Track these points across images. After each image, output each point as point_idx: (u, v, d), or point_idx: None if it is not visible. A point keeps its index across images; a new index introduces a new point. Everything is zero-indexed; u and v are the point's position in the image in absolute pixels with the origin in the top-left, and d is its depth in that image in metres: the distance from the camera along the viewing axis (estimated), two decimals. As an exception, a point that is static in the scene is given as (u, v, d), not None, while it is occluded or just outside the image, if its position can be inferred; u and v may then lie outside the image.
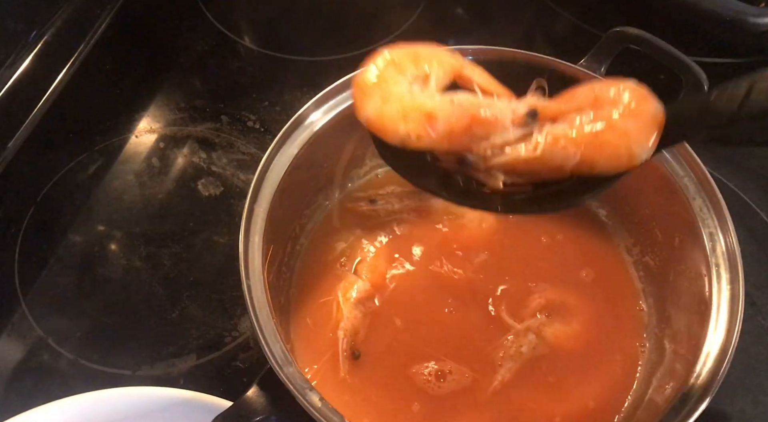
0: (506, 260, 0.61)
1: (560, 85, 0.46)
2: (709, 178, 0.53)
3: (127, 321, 0.65)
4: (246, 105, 0.79)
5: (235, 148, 0.76)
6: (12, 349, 0.63)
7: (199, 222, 0.71)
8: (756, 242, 0.70)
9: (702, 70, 0.57)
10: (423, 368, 0.55)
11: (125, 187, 0.73)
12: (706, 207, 0.53)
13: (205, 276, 0.67)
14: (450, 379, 0.55)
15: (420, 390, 0.55)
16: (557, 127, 0.43)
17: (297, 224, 0.61)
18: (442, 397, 0.55)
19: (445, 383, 0.55)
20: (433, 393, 0.55)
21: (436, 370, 0.55)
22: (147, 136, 0.77)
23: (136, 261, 0.68)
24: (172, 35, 0.88)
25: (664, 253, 0.58)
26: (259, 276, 0.49)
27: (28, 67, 0.67)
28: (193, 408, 0.53)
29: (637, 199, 0.60)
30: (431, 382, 0.55)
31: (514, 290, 0.59)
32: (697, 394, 0.46)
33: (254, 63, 0.84)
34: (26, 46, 0.68)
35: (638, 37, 0.58)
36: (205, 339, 0.64)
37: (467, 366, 0.55)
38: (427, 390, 0.55)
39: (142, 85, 0.82)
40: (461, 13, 0.90)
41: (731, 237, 0.51)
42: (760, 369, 0.63)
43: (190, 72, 0.84)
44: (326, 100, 0.56)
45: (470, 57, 0.58)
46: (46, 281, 0.67)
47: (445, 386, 0.55)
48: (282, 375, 0.44)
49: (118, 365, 0.62)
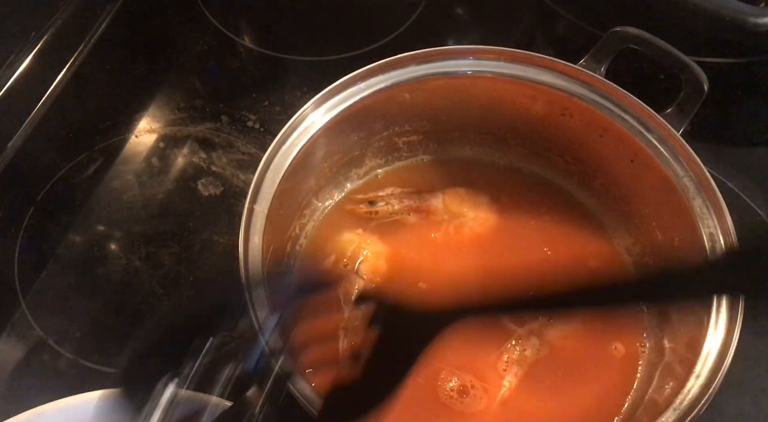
0: (506, 260, 0.61)
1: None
2: (709, 178, 0.53)
3: (127, 321, 0.65)
4: (246, 105, 0.79)
5: (235, 148, 0.76)
6: (12, 349, 0.63)
7: (199, 222, 0.71)
8: (756, 242, 0.69)
9: (702, 70, 0.57)
10: (426, 372, 0.55)
11: (125, 186, 0.73)
12: (706, 207, 0.53)
13: (205, 276, 0.67)
14: (454, 383, 0.55)
15: (422, 394, 0.55)
16: None
17: (297, 224, 0.61)
18: (446, 403, 0.54)
19: (448, 387, 0.55)
20: (436, 397, 0.55)
21: (438, 373, 0.55)
22: (147, 136, 0.77)
23: (136, 261, 0.68)
24: (172, 35, 0.87)
25: (664, 253, 0.58)
26: (259, 277, 0.49)
27: (28, 67, 0.67)
28: (192, 408, 0.53)
29: (637, 199, 0.60)
30: (434, 385, 0.55)
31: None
32: (697, 394, 0.46)
33: (254, 63, 0.84)
34: (26, 46, 0.68)
35: (638, 37, 0.58)
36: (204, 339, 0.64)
37: (470, 373, 0.55)
38: (430, 394, 0.55)
39: (142, 85, 0.82)
40: (461, 13, 0.90)
41: (731, 237, 0.51)
42: (760, 369, 0.63)
43: (190, 72, 0.83)
44: (326, 99, 0.56)
45: (470, 57, 0.59)
46: (46, 281, 0.67)
47: (447, 390, 0.55)
48: (282, 375, 0.44)
49: (118, 365, 0.62)
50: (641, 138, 0.56)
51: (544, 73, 0.58)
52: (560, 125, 0.61)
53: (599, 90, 0.57)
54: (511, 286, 0.47)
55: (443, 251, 0.62)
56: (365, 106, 0.57)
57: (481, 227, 0.63)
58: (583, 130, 0.60)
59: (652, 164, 0.56)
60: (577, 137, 0.61)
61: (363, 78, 0.57)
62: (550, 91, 0.58)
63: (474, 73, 0.59)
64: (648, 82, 0.74)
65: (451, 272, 0.60)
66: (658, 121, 0.55)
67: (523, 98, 0.60)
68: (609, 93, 0.57)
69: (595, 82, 0.57)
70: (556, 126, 0.61)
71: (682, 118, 0.57)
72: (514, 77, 0.58)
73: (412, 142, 0.65)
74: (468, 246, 0.62)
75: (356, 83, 0.57)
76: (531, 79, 0.58)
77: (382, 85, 0.57)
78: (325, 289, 0.54)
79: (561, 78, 0.58)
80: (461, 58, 0.58)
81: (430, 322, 0.47)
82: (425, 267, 0.61)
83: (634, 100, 0.56)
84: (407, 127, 0.64)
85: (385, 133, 0.63)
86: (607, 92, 0.57)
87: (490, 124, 0.64)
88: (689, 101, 0.57)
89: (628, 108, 0.57)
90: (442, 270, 0.60)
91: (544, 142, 0.63)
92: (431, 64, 0.58)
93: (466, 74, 0.59)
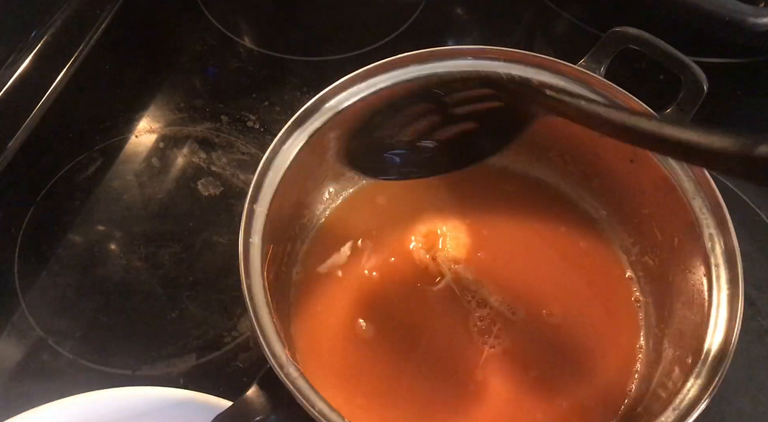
0: (504, 261, 0.61)
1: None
2: (708, 178, 0.53)
3: (127, 321, 0.65)
4: (246, 105, 0.79)
5: (235, 148, 0.76)
6: (12, 349, 0.63)
7: (199, 222, 0.71)
8: (756, 242, 0.70)
9: (702, 70, 0.57)
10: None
11: (125, 186, 0.73)
12: (706, 207, 0.53)
13: (205, 276, 0.67)
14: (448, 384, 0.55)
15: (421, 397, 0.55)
16: None
17: (297, 224, 0.61)
18: (441, 406, 0.55)
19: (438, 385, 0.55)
20: (431, 398, 0.55)
21: (432, 371, 0.55)
22: (147, 136, 0.77)
23: (135, 261, 0.68)
24: (172, 35, 0.88)
25: (664, 253, 0.58)
26: (259, 276, 0.49)
27: (28, 67, 0.67)
28: (192, 408, 0.54)
29: (636, 199, 0.60)
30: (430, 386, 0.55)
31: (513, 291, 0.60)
32: (696, 394, 0.46)
33: (254, 63, 0.84)
34: (26, 46, 0.68)
35: (638, 37, 0.58)
36: (204, 339, 0.64)
37: (465, 374, 0.55)
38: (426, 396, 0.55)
39: (141, 85, 0.82)
40: (461, 13, 0.90)
41: (731, 237, 0.51)
42: (760, 369, 0.63)
43: (190, 72, 0.84)
44: (326, 100, 0.56)
45: (470, 57, 0.58)
46: (46, 281, 0.67)
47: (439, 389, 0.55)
48: (282, 375, 0.44)
49: (118, 365, 0.62)
50: (641, 138, 0.56)
51: (544, 73, 0.58)
52: (559, 125, 0.60)
53: (599, 90, 0.57)
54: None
55: (444, 252, 0.62)
56: (365, 105, 0.57)
57: (482, 229, 0.63)
58: (583, 130, 0.59)
59: (651, 164, 0.55)
60: (576, 137, 0.61)
61: (363, 78, 0.57)
62: (549, 90, 0.58)
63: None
64: (648, 82, 0.75)
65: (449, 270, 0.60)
66: (658, 121, 0.55)
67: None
68: (609, 93, 0.57)
69: (595, 82, 0.57)
70: (555, 126, 0.61)
71: (682, 117, 0.57)
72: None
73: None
74: (468, 247, 0.62)
75: (356, 83, 0.57)
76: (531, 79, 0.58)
77: (382, 85, 0.57)
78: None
79: (560, 78, 0.58)
80: (461, 58, 0.58)
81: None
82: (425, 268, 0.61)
83: (634, 100, 0.56)
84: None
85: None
86: (607, 92, 0.57)
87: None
88: (689, 101, 0.57)
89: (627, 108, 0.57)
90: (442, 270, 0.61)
91: (543, 141, 0.63)
92: (431, 64, 0.58)
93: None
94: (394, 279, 0.60)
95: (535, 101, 0.49)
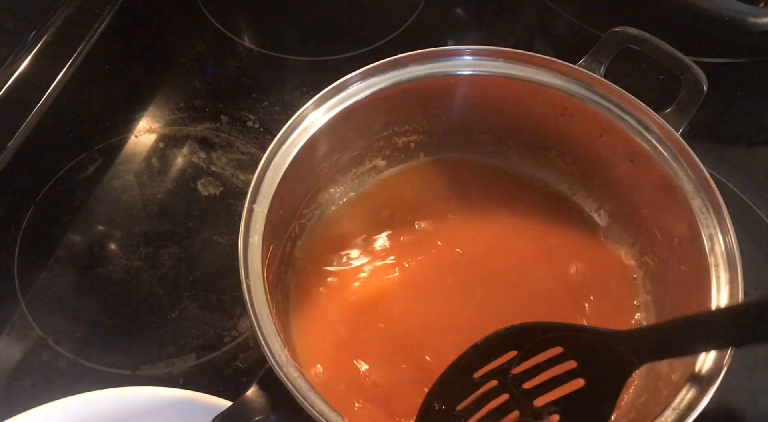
0: (503, 261, 0.61)
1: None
2: (708, 178, 0.53)
3: (127, 321, 0.65)
4: (246, 105, 0.79)
5: (235, 148, 0.76)
6: (11, 349, 0.63)
7: (199, 222, 0.71)
8: (755, 242, 0.70)
9: (702, 70, 0.57)
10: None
11: (125, 186, 0.73)
12: (706, 207, 0.53)
13: (205, 276, 0.67)
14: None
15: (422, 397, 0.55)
16: None
17: (297, 224, 0.61)
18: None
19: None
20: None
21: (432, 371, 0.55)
22: (146, 136, 0.77)
23: (135, 261, 0.68)
24: (172, 35, 0.88)
25: (664, 253, 0.58)
26: (259, 276, 0.49)
27: (27, 67, 0.67)
28: (192, 408, 0.53)
29: (636, 199, 0.60)
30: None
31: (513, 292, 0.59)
32: (696, 394, 0.46)
33: (254, 63, 0.84)
34: (26, 46, 0.68)
35: (638, 37, 0.58)
36: (204, 339, 0.64)
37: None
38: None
39: (141, 85, 0.82)
40: (461, 13, 0.90)
41: (730, 237, 0.51)
42: (760, 369, 0.63)
43: (190, 72, 0.84)
44: (326, 99, 0.56)
45: (470, 57, 0.59)
46: (46, 281, 0.67)
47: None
48: (282, 375, 0.44)
49: (118, 365, 0.62)
50: (641, 138, 0.56)
51: (543, 73, 0.58)
52: (559, 125, 0.61)
53: (598, 90, 0.57)
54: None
55: (444, 252, 0.62)
56: (365, 105, 0.57)
57: (482, 230, 0.63)
58: (583, 130, 0.60)
59: (651, 164, 0.56)
60: (576, 137, 0.61)
61: (363, 78, 0.57)
62: (549, 91, 0.58)
63: (474, 73, 0.59)
64: (648, 82, 0.75)
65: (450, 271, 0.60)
66: (657, 121, 0.55)
67: (522, 98, 0.60)
68: (608, 93, 0.57)
69: (595, 82, 0.57)
70: (555, 126, 0.61)
71: (682, 118, 0.57)
72: (514, 77, 0.58)
73: (412, 142, 0.65)
74: (468, 248, 0.62)
75: (356, 83, 0.57)
76: (530, 79, 0.58)
77: (382, 85, 0.57)
78: None
79: (560, 78, 0.58)
80: (461, 58, 0.58)
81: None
82: (425, 268, 0.61)
83: (633, 100, 0.56)
84: (407, 127, 0.64)
85: (384, 133, 0.63)
86: (607, 92, 0.57)
87: (489, 124, 0.64)
88: (689, 101, 0.57)
89: (627, 108, 0.57)
90: (442, 269, 0.61)
91: (543, 141, 0.63)
92: (431, 64, 0.58)
93: (466, 74, 0.59)
94: (394, 280, 0.60)
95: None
